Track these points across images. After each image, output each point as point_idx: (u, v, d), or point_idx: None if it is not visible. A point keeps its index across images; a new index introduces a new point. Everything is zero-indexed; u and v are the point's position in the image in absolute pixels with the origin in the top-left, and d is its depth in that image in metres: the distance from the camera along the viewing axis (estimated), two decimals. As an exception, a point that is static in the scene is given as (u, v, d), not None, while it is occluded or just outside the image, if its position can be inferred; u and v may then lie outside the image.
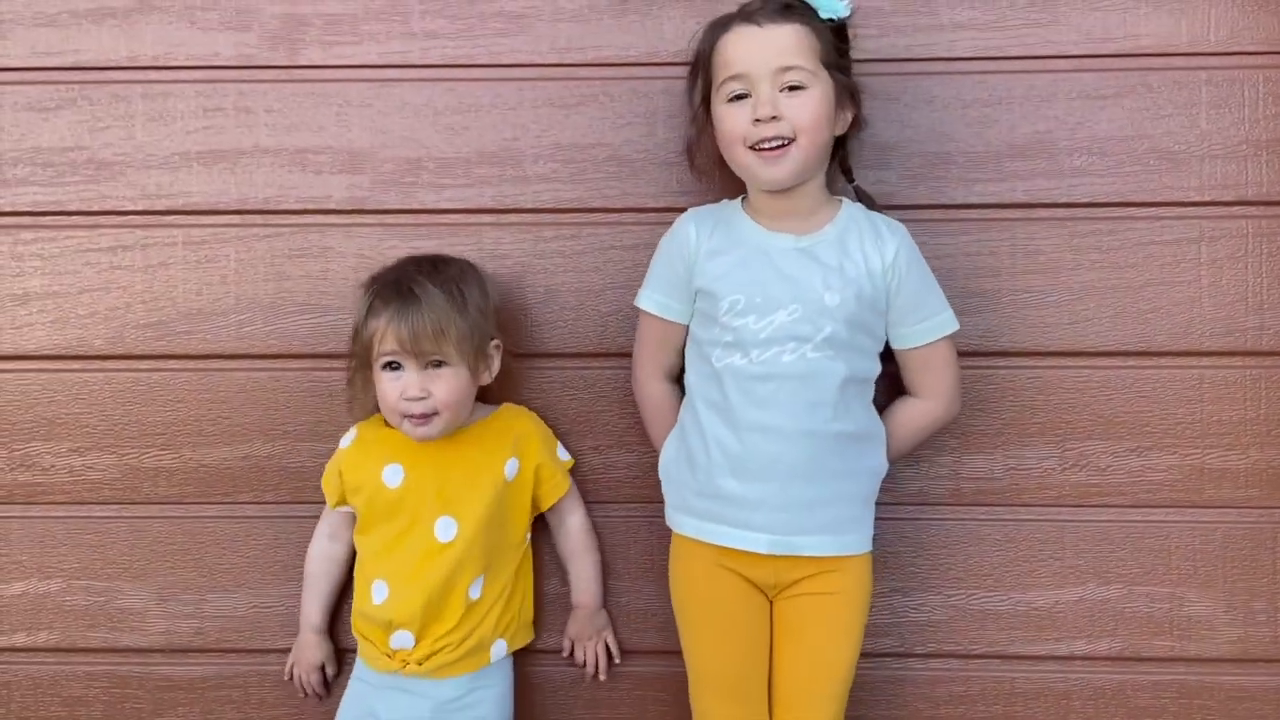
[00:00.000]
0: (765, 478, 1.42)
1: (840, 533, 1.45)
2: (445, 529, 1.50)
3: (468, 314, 1.47)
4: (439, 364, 1.46)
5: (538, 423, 1.60)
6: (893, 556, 1.64)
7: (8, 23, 1.65)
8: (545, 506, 1.59)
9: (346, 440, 1.57)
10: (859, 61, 1.53)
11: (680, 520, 1.50)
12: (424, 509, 1.50)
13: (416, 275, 1.48)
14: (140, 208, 1.66)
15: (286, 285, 1.66)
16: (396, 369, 1.47)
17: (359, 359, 1.51)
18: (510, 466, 1.53)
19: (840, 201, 1.51)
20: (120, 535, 1.68)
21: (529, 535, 1.59)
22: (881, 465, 1.50)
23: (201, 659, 1.69)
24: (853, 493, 1.46)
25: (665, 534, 1.54)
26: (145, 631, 1.69)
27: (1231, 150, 1.61)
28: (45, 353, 1.67)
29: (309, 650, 1.61)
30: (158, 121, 1.66)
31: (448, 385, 1.46)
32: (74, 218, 1.66)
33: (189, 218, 1.66)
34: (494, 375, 1.54)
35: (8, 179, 1.66)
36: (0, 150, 1.66)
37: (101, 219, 1.66)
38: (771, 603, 1.49)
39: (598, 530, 1.64)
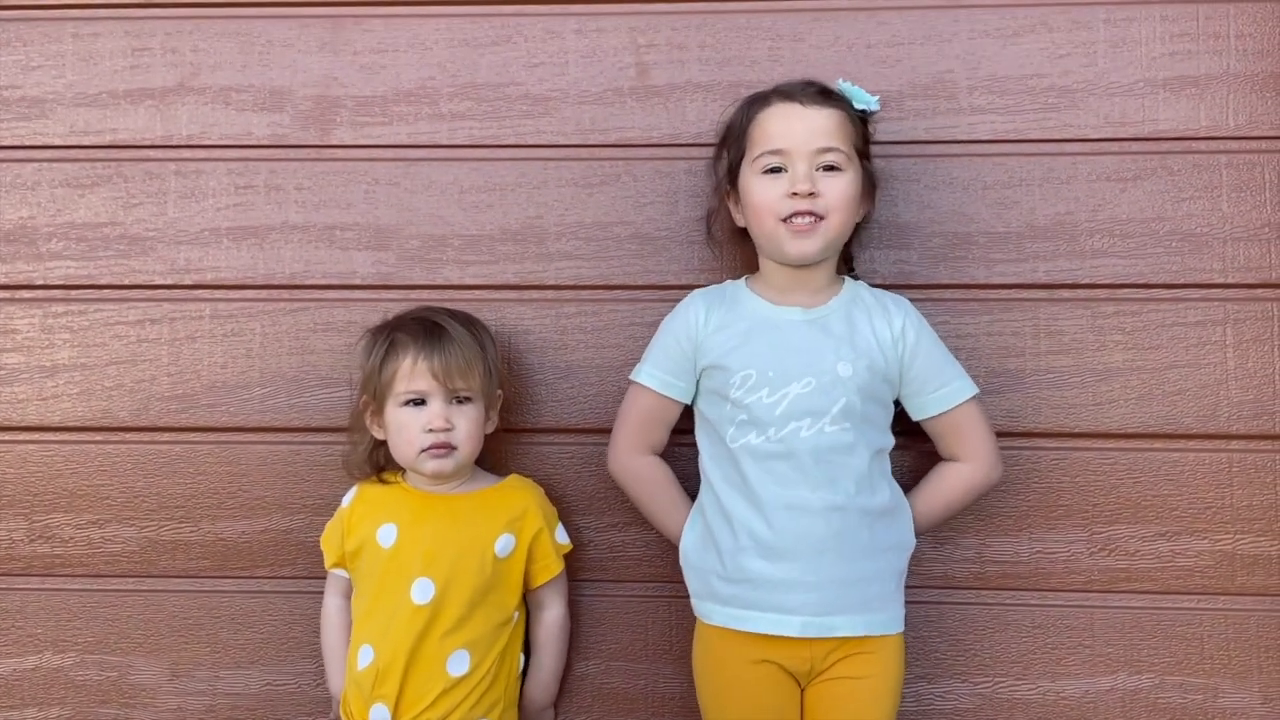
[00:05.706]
0: (795, 556, 1.39)
1: (873, 611, 1.42)
2: (422, 590, 1.46)
3: (486, 355, 1.51)
4: (463, 400, 1.48)
5: (541, 498, 1.57)
6: (918, 641, 1.60)
7: (49, 102, 1.70)
8: (535, 585, 1.54)
9: (348, 499, 1.56)
10: (880, 144, 1.55)
11: (708, 609, 1.46)
12: (408, 569, 1.47)
13: (438, 315, 1.52)
14: (170, 282, 1.69)
15: (310, 359, 1.67)
16: (419, 404, 1.48)
17: (375, 401, 1.50)
18: (503, 543, 1.50)
19: (843, 279, 1.53)
20: (136, 609, 1.67)
21: (518, 614, 1.54)
22: (909, 540, 1.48)
23: (212, 737, 1.66)
24: (883, 569, 1.44)
25: (686, 614, 1.52)
26: (156, 709, 1.66)
27: (1254, 233, 1.61)
28: (70, 424, 1.68)
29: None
30: (190, 198, 1.69)
31: (470, 420, 1.49)
32: (104, 291, 1.69)
33: (217, 292, 1.68)
34: (494, 427, 1.55)
35: (41, 253, 1.70)
36: (36, 225, 1.70)
37: (131, 293, 1.69)
38: (803, 690, 1.45)
39: (617, 610, 1.63)
